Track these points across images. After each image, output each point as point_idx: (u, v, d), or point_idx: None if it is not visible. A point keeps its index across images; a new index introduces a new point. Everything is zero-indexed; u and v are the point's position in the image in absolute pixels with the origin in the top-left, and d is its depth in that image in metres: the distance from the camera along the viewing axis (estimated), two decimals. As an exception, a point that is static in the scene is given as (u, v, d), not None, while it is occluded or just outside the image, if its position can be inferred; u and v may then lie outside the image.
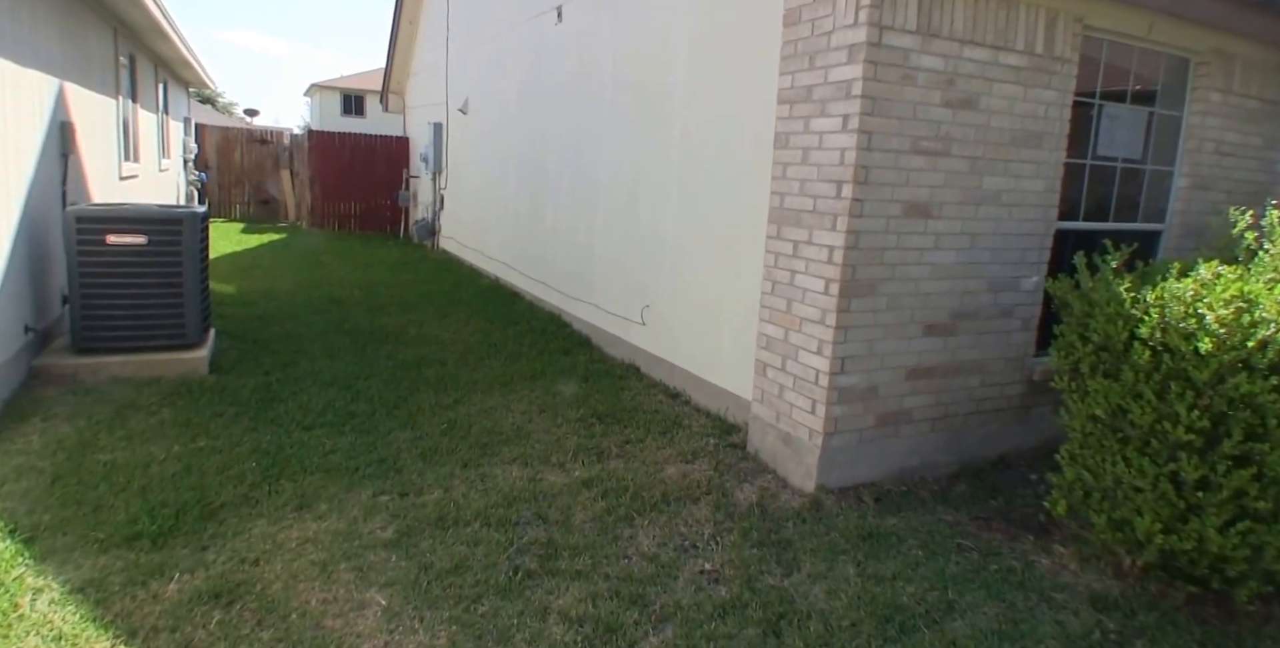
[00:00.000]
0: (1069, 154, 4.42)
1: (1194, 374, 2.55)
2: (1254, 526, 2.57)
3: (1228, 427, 2.55)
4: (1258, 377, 2.46)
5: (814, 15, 3.84)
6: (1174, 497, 2.68)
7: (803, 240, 3.97)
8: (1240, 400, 2.49)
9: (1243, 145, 5.22)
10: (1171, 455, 2.68)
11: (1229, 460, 2.57)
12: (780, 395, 4.18)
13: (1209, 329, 2.52)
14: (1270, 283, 2.75)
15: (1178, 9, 4.42)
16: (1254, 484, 2.52)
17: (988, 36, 3.87)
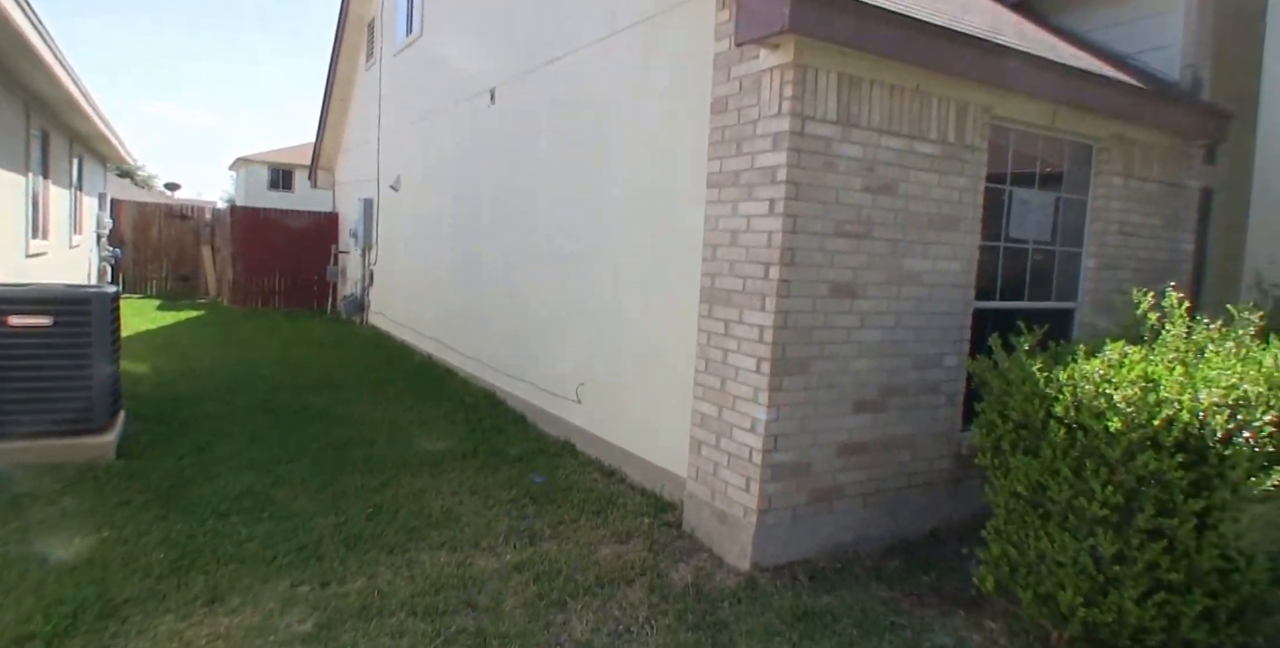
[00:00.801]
0: (983, 237, 4.66)
1: (1106, 451, 2.64)
2: (1169, 597, 2.62)
3: (1140, 502, 2.63)
4: (1164, 454, 2.56)
5: (740, 104, 4.03)
6: (1093, 571, 2.73)
7: (734, 319, 4.04)
8: (1149, 477, 2.58)
9: (1145, 226, 5.59)
10: (1089, 531, 2.74)
11: (1143, 534, 2.64)
12: (715, 473, 4.16)
13: (1117, 408, 2.63)
14: (1172, 363, 2.90)
15: (1076, 99, 4.79)
16: (1166, 557, 2.59)
17: (903, 127, 4.11)
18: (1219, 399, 2.60)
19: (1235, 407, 2.60)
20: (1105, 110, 4.99)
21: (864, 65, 3.89)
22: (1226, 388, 2.63)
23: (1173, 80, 5.84)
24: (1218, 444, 2.54)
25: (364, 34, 13.25)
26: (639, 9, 5.07)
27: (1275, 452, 2.63)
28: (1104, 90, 4.91)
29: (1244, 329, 3.41)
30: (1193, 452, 2.57)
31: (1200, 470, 2.58)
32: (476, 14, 8.18)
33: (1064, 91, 4.70)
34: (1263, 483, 2.49)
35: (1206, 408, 2.57)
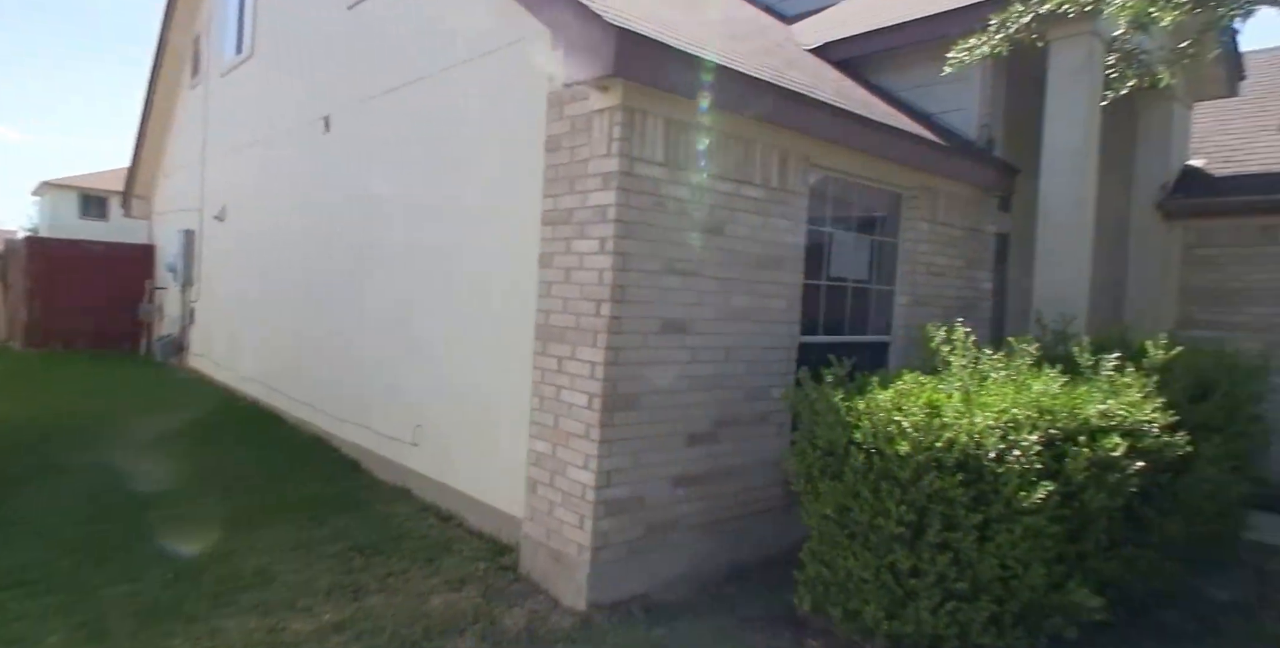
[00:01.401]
0: (807, 275, 4.96)
1: (898, 473, 2.84)
2: (959, 605, 2.83)
3: (929, 519, 2.83)
4: (947, 473, 2.78)
5: (573, 143, 4.12)
6: (894, 585, 2.91)
7: (567, 356, 4.06)
8: (936, 495, 2.79)
9: (950, 267, 6.13)
10: (888, 548, 2.92)
11: (933, 548, 2.84)
12: (550, 512, 4.12)
13: (906, 433, 2.84)
14: (956, 391, 3.17)
15: (886, 152, 5.24)
16: (953, 568, 2.80)
17: (730, 171, 4.33)
18: (993, 422, 2.87)
19: (1007, 429, 2.87)
20: (911, 163, 5.49)
21: (690, 111, 4.08)
22: (999, 412, 2.90)
23: (970, 138, 6.52)
24: (992, 463, 2.79)
25: (189, 50, 12.32)
26: (476, 43, 5.11)
27: (1043, 468, 2.91)
28: (910, 145, 5.40)
29: (1021, 360, 3.80)
30: (971, 471, 2.81)
31: (979, 487, 2.82)
32: (311, 36, 7.93)
33: (875, 145, 5.14)
34: (1031, 496, 2.74)
35: (981, 431, 2.82)
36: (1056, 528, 2.89)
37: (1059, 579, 2.97)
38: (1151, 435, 3.31)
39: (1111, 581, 3.51)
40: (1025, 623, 2.97)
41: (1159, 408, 3.47)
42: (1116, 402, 3.33)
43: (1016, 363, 3.72)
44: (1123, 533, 3.49)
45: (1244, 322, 7.12)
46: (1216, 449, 3.71)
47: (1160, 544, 3.67)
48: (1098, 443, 3.05)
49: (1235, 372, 4.36)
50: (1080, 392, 3.38)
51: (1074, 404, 3.17)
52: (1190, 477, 3.65)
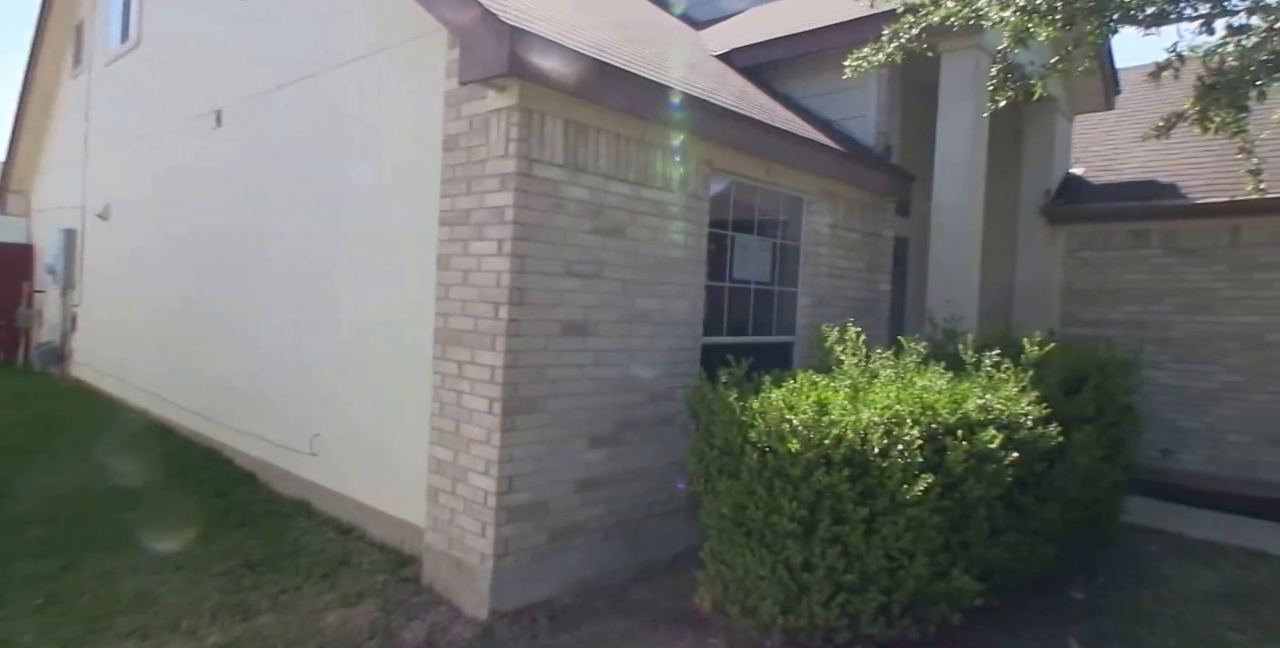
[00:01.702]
0: (711, 278, 5.02)
1: (790, 470, 2.90)
2: (849, 597, 2.90)
3: (820, 514, 2.89)
4: (835, 469, 2.85)
5: (470, 143, 4.05)
6: (789, 580, 2.96)
7: (466, 360, 3.99)
8: (825, 490, 2.86)
9: (850, 269, 6.32)
10: (782, 544, 2.98)
11: (824, 543, 2.90)
12: (452, 521, 4.03)
13: (796, 431, 2.90)
14: (846, 389, 3.25)
15: (786, 157, 5.36)
16: (842, 561, 2.87)
17: (630, 174, 4.35)
18: (878, 418, 2.96)
19: (891, 424, 2.96)
20: (811, 168, 5.63)
21: (591, 114, 4.08)
22: (884, 409, 3.00)
23: (869, 145, 6.75)
24: (877, 458, 2.88)
25: (71, 36, 11.55)
26: (372, 38, 4.97)
27: (925, 461, 3.02)
28: (810, 151, 5.55)
29: (910, 358, 3.94)
30: (858, 466, 2.90)
31: (865, 482, 2.90)
32: (204, 26, 7.52)
33: (775, 150, 5.25)
34: (913, 489, 2.84)
35: (867, 427, 2.91)
36: (939, 518, 3.00)
37: (943, 568, 3.08)
38: (1026, 427, 3.48)
39: (996, 567, 3.67)
40: (913, 612, 3.08)
41: (1034, 401, 3.65)
42: (994, 396, 3.49)
43: (905, 361, 3.85)
44: (1004, 521, 3.65)
45: (1119, 319, 7.59)
46: (1087, 438, 3.93)
47: (1040, 530, 3.86)
48: (976, 436, 3.18)
49: (1107, 366, 4.63)
50: (962, 388, 3.52)
51: (955, 400, 3.30)
52: (1064, 465, 3.86)
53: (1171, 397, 7.29)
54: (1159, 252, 7.42)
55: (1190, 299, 7.21)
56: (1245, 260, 6.93)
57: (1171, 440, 7.24)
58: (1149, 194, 7.50)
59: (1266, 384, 6.80)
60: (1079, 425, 4.00)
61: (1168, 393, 7.32)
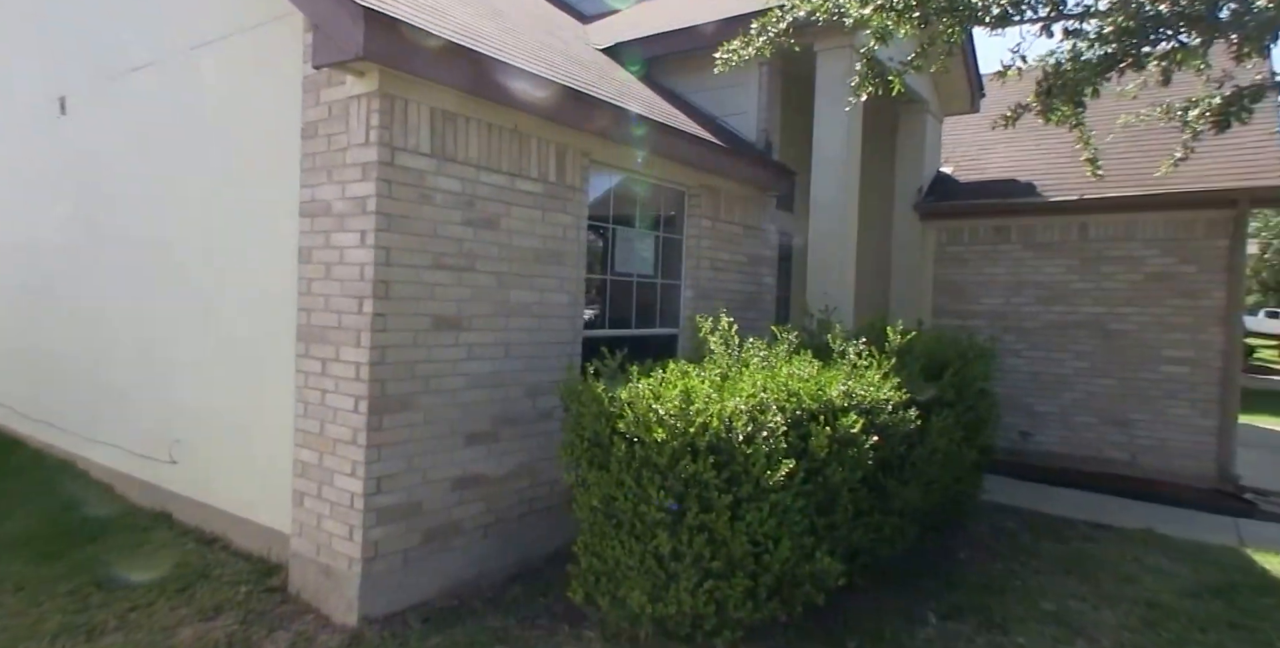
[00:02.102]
0: (592, 270, 5.00)
1: (657, 460, 2.90)
2: (716, 584, 2.94)
3: (688, 503, 2.92)
4: (700, 458, 2.88)
5: (330, 131, 3.87)
6: (657, 569, 2.97)
7: (330, 358, 3.82)
8: (692, 479, 2.88)
9: (733, 262, 6.42)
10: (651, 534, 2.98)
11: (691, 531, 2.92)
12: (319, 525, 3.85)
13: (662, 421, 2.91)
14: (715, 378, 3.29)
15: (666, 151, 5.38)
16: (708, 548, 2.90)
17: (503, 164, 4.26)
18: (743, 406, 3.00)
19: (755, 412, 3.02)
20: (691, 162, 5.68)
21: (459, 102, 3.97)
22: (749, 396, 3.05)
23: (751, 140, 6.88)
24: (741, 445, 2.92)
25: None
26: (227, 19, 4.67)
27: (789, 447, 3.09)
28: (689, 145, 5.59)
29: (781, 347, 4.03)
30: (723, 453, 2.93)
31: (731, 469, 2.94)
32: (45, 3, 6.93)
33: (654, 143, 5.25)
34: (775, 475, 2.90)
35: (732, 414, 2.95)
36: (804, 503, 3.08)
37: (809, 551, 3.16)
38: (887, 412, 3.63)
39: (862, 547, 3.81)
40: (779, 594, 3.14)
41: (895, 387, 3.81)
42: (857, 383, 3.61)
43: (777, 350, 3.94)
44: (868, 503, 3.79)
45: (984, 310, 8.05)
46: (946, 422, 4.14)
47: (903, 511, 4.03)
48: (839, 421, 3.28)
49: (967, 354, 4.89)
50: (828, 375, 3.63)
51: (820, 387, 3.40)
52: (924, 448, 4.04)
53: (1030, 382, 7.79)
54: (1018, 247, 7.90)
55: (1046, 291, 7.72)
56: (1092, 255, 7.47)
57: (1030, 423, 7.74)
58: (1009, 192, 7.98)
59: (1109, 370, 7.36)
60: (939, 410, 4.20)
61: (1027, 379, 7.81)
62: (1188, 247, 6.99)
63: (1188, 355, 6.98)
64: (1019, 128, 9.30)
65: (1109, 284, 7.38)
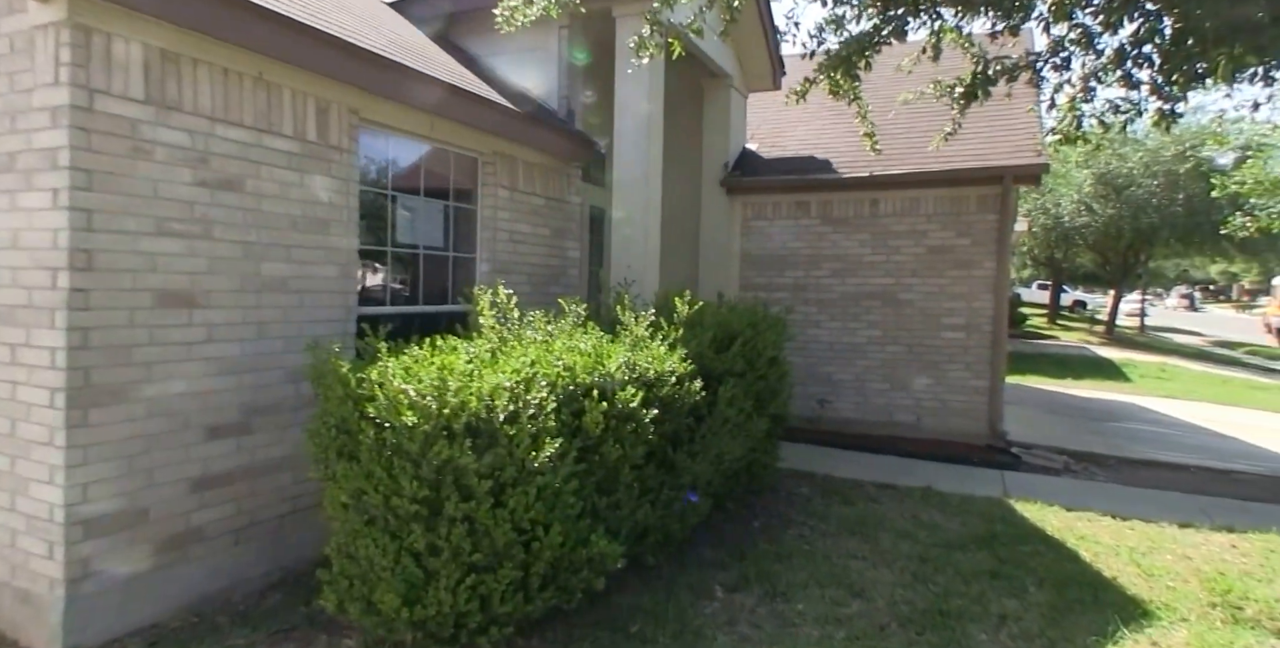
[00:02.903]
0: (368, 241, 4.53)
1: (408, 446, 2.59)
2: (481, 578, 2.68)
3: (445, 492, 2.63)
4: (456, 441, 2.59)
5: (11, 68, 3.18)
6: (414, 568, 2.67)
7: (20, 342, 3.16)
8: (447, 466, 2.59)
9: (534, 235, 6.13)
10: (407, 529, 2.67)
11: (452, 523, 2.64)
12: (13, 543, 3.21)
13: (414, 402, 2.59)
14: (483, 353, 3.00)
15: (452, 113, 4.98)
16: (469, 540, 2.64)
17: (246, 117, 3.71)
18: (507, 383, 2.74)
19: (518, 389, 2.76)
20: (484, 127, 5.32)
21: (183, 40, 3.38)
22: (513, 372, 2.79)
23: (552, 108, 6.59)
24: (504, 425, 2.67)
25: None
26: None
27: (562, 425, 2.87)
28: (477, 108, 5.21)
29: (567, 319, 3.81)
30: (484, 435, 2.67)
31: (495, 452, 2.68)
32: None
33: (438, 104, 4.84)
34: (540, 456, 2.67)
35: (493, 392, 2.68)
36: (577, 484, 2.88)
37: (585, 534, 2.98)
38: (670, 385, 3.51)
39: (652, 526, 3.70)
40: (555, 583, 2.94)
41: (681, 359, 3.70)
42: (640, 355, 3.46)
43: (562, 324, 3.71)
44: (657, 479, 3.68)
45: (786, 283, 8.29)
46: (732, 391, 4.10)
47: (695, 485, 3.96)
48: (617, 396, 3.11)
49: (759, 323, 4.91)
50: (609, 348, 3.45)
51: (597, 360, 3.20)
52: (713, 420, 3.99)
53: (829, 352, 8.13)
54: (817, 221, 8.19)
55: (842, 264, 8.06)
56: (882, 229, 7.87)
57: (829, 391, 8.09)
58: (808, 169, 8.23)
59: (898, 337, 7.81)
60: (727, 380, 4.16)
61: (825, 349, 8.15)
62: (963, 221, 7.50)
63: (963, 322, 7.53)
64: (818, 106, 9.63)
65: (897, 257, 7.80)
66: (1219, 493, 6.24)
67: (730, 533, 4.64)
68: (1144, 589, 3.89)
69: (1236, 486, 6.56)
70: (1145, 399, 11.28)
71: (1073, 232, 22.52)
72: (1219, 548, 4.67)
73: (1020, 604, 3.64)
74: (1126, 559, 4.33)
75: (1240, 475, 6.87)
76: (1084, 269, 29.81)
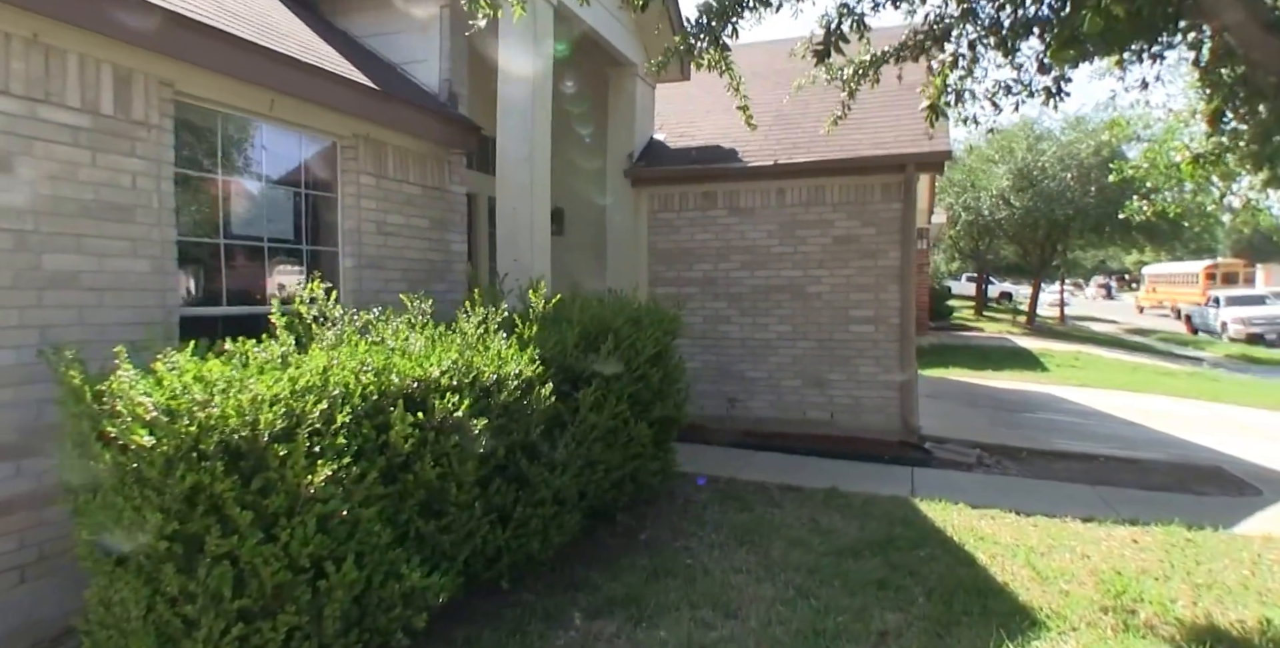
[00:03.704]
0: (193, 233, 4.02)
1: (148, 472, 2.12)
2: (250, 627, 2.23)
3: (203, 526, 2.17)
4: (210, 463, 2.13)
5: None
6: (170, 617, 2.20)
7: None
8: (198, 495, 2.14)
9: (409, 227, 5.64)
10: (159, 571, 2.20)
11: (213, 563, 2.18)
12: None
13: (155, 419, 2.12)
14: (278, 359, 2.54)
15: (296, 91, 4.47)
16: (232, 584, 2.18)
17: (15, 84, 3.16)
18: (282, 392, 2.29)
19: (291, 400, 2.31)
20: (341, 107, 4.82)
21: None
22: (290, 380, 2.34)
23: (434, 92, 6.11)
24: (273, 445, 2.22)
25: None
26: None
27: (363, 440, 2.44)
28: (330, 86, 4.70)
29: (409, 318, 3.37)
30: (248, 456, 2.21)
31: (265, 476, 2.23)
32: None
33: (279, 80, 4.34)
34: (316, 480, 2.23)
35: (260, 405, 2.23)
36: (380, 509, 2.44)
37: (397, 566, 2.55)
38: (511, 390, 3.10)
39: (507, 548, 3.29)
40: (361, 625, 2.50)
41: (533, 360, 3.30)
42: (477, 357, 3.04)
43: (396, 324, 3.27)
44: (510, 495, 3.27)
45: (695, 277, 7.97)
46: (596, 396, 3.70)
47: (559, 500, 3.56)
48: (438, 404, 2.68)
49: (641, 318, 4.54)
50: (441, 349, 3.02)
51: (417, 364, 2.77)
52: (578, 427, 3.59)
53: (741, 349, 7.84)
54: (724, 212, 7.88)
55: (751, 256, 7.77)
56: (789, 219, 7.61)
57: (742, 390, 7.79)
58: (714, 158, 7.92)
59: (808, 332, 7.56)
60: (592, 383, 3.77)
61: (739, 346, 7.85)
62: (868, 210, 7.29)
63: (871, 315, 7.31)
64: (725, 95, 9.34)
65: (805, 248, 7.55)
66: (1126, 483, 6.14)
67: (612, 548, 4.26)
68: (1036, 595, 3.64)
69: (1143, 474, 6.48)
70: (1060, 389, 11.35)
71: (993, 224, 23.01)
72: (1120, 543, 4.49)
73: (904, 619, 3.34)
74: (1023, 561, 4.10)
75: (1147, 463, 6.81)
76: (1007, 261, 30.57)
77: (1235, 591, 3.78)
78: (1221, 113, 4.66)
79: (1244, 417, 9.48)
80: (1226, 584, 3.86)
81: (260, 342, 2.71)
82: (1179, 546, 4.45)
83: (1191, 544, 4.48)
